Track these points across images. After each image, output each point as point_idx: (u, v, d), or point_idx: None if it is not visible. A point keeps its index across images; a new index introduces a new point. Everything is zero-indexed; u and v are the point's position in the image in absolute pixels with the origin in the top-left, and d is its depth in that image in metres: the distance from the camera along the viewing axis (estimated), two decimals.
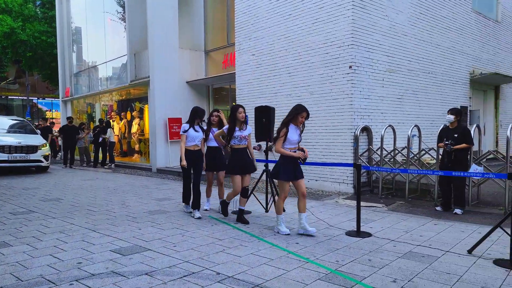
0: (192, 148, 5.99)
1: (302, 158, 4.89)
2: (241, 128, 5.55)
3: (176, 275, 3.63)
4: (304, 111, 4.85)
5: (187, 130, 5.94)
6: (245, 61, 10.56)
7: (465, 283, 3.40)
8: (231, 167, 5.58)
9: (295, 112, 4.88)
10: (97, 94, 16.92)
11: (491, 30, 12.49)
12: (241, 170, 5.56)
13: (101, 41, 15.94)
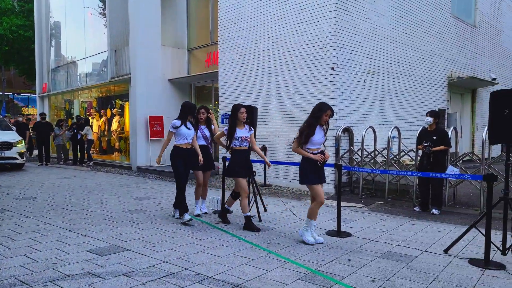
0: (184, 146, 5.58)
1: (321, 161, 4.55)
2: (242, 128, 5.28)
3: (155, 275, 3.57)
4: (329, 109, 4.57)
5: (179, 127, 5.49)
6: (228, 60, 10.51)
7: (441, 282, 3.47)
8: (234, 170, 5.24)
9: (320, 112, 4.56)
10: (75, 91, 16.52)
11: (468, 34, 12.81)
12: (245, 173, 5.31)
13: (81, 36, 15.58)
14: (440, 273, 3.69)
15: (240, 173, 5.24)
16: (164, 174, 11.14)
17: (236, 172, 5.24)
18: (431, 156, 6.38)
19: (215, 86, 12.11)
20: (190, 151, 5.65)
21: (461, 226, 5.39)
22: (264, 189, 8.81)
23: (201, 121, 6.13)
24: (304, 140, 4.52)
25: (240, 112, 5.21)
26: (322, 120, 4.57)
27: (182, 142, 5.57)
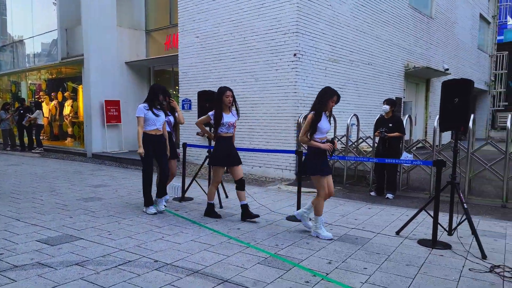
0: (154, 132, 5.18)
1: (331, 151, 4.23)
2: (229, 114, 4.92)
3: (110, 264, 3.46)
4: (335, 95, 4.22)
5: (146, 112, 5.12)
6: (189, 43, 10.25)
7: (392, 262, 3.62)
8: (216, 158, 4.90)
9: (327, 97, 4.21)
10: (23, 72, 15.52)
11: (425, 25, 13.28)
12: (231, 161, 4.95)
13: (28, 13, 14.57)
14: (391, 254, 3.85)
15: (224, 162, 4.91)
16: (121, 161, 10.80)
17: (220, 162, 4.89)
18: (386, 143, 6.60)
19: (175, 70, 11.80)
20: (160, 137, 5.26)
21: (413, 209, 5.64)
22: (226, 175, 8.78)
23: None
24: (312, 128, 4.18)
25: (226, 96, 4.81)
26: (328, 106, 4.23)
27: (150, 128, 5.17)
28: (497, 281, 3.22)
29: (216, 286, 3.05)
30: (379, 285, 3.13)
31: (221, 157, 4.90)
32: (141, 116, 5.11)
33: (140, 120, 5.12)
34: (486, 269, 3.46)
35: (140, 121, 5.11)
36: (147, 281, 3.13)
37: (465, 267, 3.51)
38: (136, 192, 6.72)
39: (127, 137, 12.52)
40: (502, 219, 5.31)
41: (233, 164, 4.97)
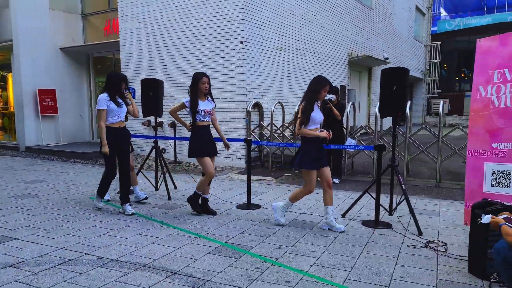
0: (118, 125, 4.70)
1: (328, 138, 4.14)
2: (205, 101, 4.62)
3: (49, 264, 3.24)
4: (328, 84, 4.12)
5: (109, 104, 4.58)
6: (130, 29, 9.79)
7: (338, 243, 3.76)
8: (197, 149, 4.58)
9: (318, 86, 4.08)
10: None
11: (366, 16, 13.78)
12: (210, 151, 4.66)
13: None
14: (338, 235, 3.99)
15: (206, 152, 4.61)
16: (59, 154, 10.16)
17: (202, 152, 4.58)
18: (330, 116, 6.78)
19: (116, 57, 11.23)
20: (124, 131, 4.86)
21: (358, 192, 5.88)
22: (174, 166, 8.59)
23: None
24: (306, 119, 4.04)
25: (202, 82, 4.51)
26: (320, 95, 4.12)
27: (114, 121, 4.64)
28: (432, 255, 3.46)
29: (165, 279, 2.97)
30: (326, 266, 3.23)
31: (202, 146, 4.60)
32: (104, 108, 4.54)
33: (102, 113, 4.54)
34: (422, 245, 3.71)
35: (103, 114, 4.54)
36: (90, 279, 2.97)
37: (404, 244, 3.73)
38: (77, 187, 6.37)
39: (65, 129, 11.79)
40: (436, 197, 5.72)
41: (213, 154, 4.70)
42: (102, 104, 4.55)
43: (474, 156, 3.85)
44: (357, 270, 3.15)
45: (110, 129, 4.63)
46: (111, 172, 4.79)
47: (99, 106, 4.56)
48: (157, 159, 6.05)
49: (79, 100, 12.24)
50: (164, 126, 9.37)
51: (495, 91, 3.70)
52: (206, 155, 4.60)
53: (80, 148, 10.44)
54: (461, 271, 3.13)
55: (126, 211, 4.75)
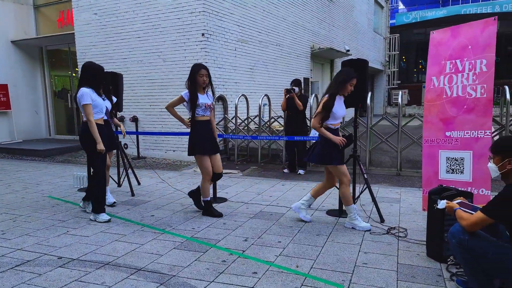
0: (101, 121, 4.34)
1: (342, 145, 3.87)
2: (204, 94, 4.33)
3: (6, 266, 3.09)
4: (355, 77, 3.84)
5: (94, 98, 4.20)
6: (86, 21, 9.39)
7: (304, 233, 3.83)
8: (196, 146, 4.26)
9: (345, 79, 3.81)
10: None
11: (327, 8, 13.98)
12: (211, 149, 4.35)
13: None
14: (303, 226, 4.07)
15: (207, 149, 4.30)
16: (14, 152, 9.66)
17: (203, 149, 4.27)
18: (293, 121, 6.90)
19: (72, 50, 10.77)
20: (109, 127, 4.66)
21: None
22: (138, 162, 8.39)
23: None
24: (325, 114, 3.81)
25: (200, 75, 4.19)
26: (346, 89, 3.85)
27: (99, 117, 4.26)
28: (393, 241, 3.60)
29: (130, 276, 2.91)
30: (292, 256, 3.28)
31: (202, 143, 4.27)
32: (90, 103, 4.11)
33: (89, 108, 4.09)
34: (384, 231, 3.84)
35: (90, 109, 4.10)
36: (50, 280, 2.86)
37: (367, 232, 3.86)
38: (34, 186, 6.09)
39: (20, 125, 11.20)
40: (397, 185, 5.94)
41: (216, 151, 4.39)
42: (87, 98, 4.09)
43: (429, 145, 4.02)
44: (322, 259, 3.22)
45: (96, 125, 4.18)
46: (104, 177, 4.30)
47: (84, 101, 4.07)
48: (118, 155, 5.89)
49: (33, 95, 11.65)
50: (125, 120, 9.11)
51: (448, 81, 3.87)
52: (207, 153, 4.31)
53: (36, 146, 9.96)
54: (420, 255, 3.28)
55: (101, 219, 4.24)
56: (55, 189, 5.84)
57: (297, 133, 6.80)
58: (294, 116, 6.92)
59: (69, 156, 9.26)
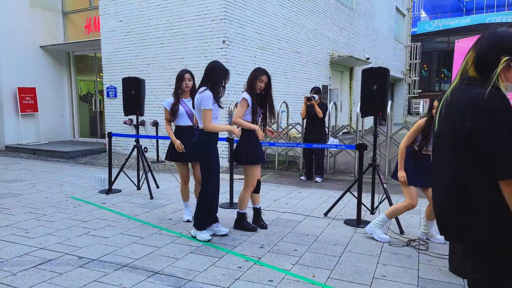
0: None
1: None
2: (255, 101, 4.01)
3: (29, 264, 3.19)
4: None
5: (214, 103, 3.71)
6: (112, 28, 9.65)
7: (321, 242, 3.81)
8: (255, 155, 3.96)
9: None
10: None
11: (347, 16, 13.95)
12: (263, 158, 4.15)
13: None
14: (320, 234, 4.04)
15: (263, 159, 4.09)
16: (40, 153, 9.95)
17: (261, 159, 4.04)
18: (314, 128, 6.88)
19: (97, 55, 11.07)
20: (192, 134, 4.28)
21: (340, 191, 5.97)
22: (157, 165, 8.52)
23: (185, 91, 4.38)
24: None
25: (260, 80, 3.95)
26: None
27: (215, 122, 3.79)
28: (414, 254, 3.54)
29: (147, 279, 2.96)
30: (309, 265, 3.27)
31: (260, 152, 4.02)
32: (211, 108, 3.65)
33: (210, 114, 3.63)
34: (404, 243, 3.78)
35: (210, 116, 3.64)
36: (70, 279, 2.93)
37: (386, 243, 3.80)
38: (57, 186, 6.25)
39: (46, 127, 11.54)
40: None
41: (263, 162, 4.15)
42: (209, 103, 3.61)
43: None
44: (339, 269, 3.19)
45: (212, 134, 3.75)
46: (217, 186, 3.86)
47: (207, 106, 3.59)
48: (139, 158, 6.00)
49: (59, 98, 12.00)
50: (146, 125, 9.28)
51: None
52: (261, 162, 4.08)
53: (60, 147, 10.24)
54: (442, 269, 3.20)
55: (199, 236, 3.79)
56: (77, 190, 5.99)
57: (315, 140, 6.78)
58: (313, 123, 6.90)
59: (91, 158, 9.48)
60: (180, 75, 4.34)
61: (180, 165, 4.39)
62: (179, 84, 4.33)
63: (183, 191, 4.47)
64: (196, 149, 3.81)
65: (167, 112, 4.34)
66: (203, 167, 3.77)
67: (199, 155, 3.78)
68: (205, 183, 3.77)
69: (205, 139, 3.73)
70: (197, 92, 3.76)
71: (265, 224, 4.28)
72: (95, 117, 11.91)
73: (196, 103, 3.72)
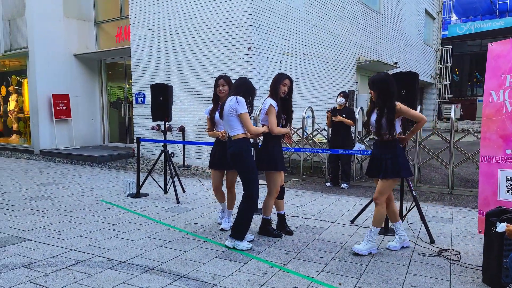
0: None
1: None
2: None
3: (60, 265, 3.29)
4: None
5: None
6: (141, 36, 9.92)
7: (347, 250, 3.74)
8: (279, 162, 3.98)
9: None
10: None
11: (374, 21, 13.76)
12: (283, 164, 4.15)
13: None
14: (346, 242, 3.97)
15: (283, 165, 4.10)
16: (72, 157, 10.31)
17: (282, 165, 4.03)
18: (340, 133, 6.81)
19: (127, 63, 11.40)
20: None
21: (366, 198, 5.86)
22: (183, 170, 8.65)
23: (222, 97, 4.23)
24: None
25: (283, 84, 3.97)
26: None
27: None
28: (445, 264, 3.41)
29: (173, 282, 3.00)
30: (335, 273, 3.22)
31: (281, 159, 4.01)
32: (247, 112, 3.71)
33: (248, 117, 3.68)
34: (435, 253, 3.66)
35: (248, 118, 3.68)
36: (100, 280, 3.01)
37: (415, 252, 3.69)
38: (88, 190, 6.45)
39: (78, 133, 11.96)
40: (448, 205, 5.64)
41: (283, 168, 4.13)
42: (246, 107, 3.66)
43: (487, 163, 3.79)
44: (367, 278, 3.13)
45: (249, 140, 3.79)
46: (256, 202, 3.81)
47: (244, 109, 3.63)
48: (166, 163, 6.11)
49: (91, 105, 12.42)
50: (173, 130, 9.45)
51: (508, 95, 3.65)
52: (283, 169, 4.09)
53: (91, 152, 10.57)
54: (475, 281, 3.08)
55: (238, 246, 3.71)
56: (107, 194, 6.16)
57: (341, 146, 6.69)
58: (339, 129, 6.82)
59: (120, 163, 9.73)
60: (215, 80, 4.34)
61: (215, 172, 4.38)
62: (215, 90, 4.31)
63: (216, 195, 4.49)
64: (235, 160, 3.70)
65: (208, 120, 4.35)
66: (245, 177, 3.69)
67: (240, 166, 3.68)
68: (249, 195, 3.70)
69: (243, 148, 3.68)
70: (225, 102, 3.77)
71: (290, 230, 4.25)
72: (124, 123, 12.24)
73: (229, 109, 3.67)
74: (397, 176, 3.58)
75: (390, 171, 3.53)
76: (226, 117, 3.74)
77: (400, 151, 3.63)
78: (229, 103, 3.70)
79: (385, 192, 3.60)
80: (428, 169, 7.34)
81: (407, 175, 3.66)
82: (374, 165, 3.67)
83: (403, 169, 3.59)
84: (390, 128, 3.52)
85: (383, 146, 3.62)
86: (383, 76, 3.59)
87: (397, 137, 3.64)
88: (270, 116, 3.86)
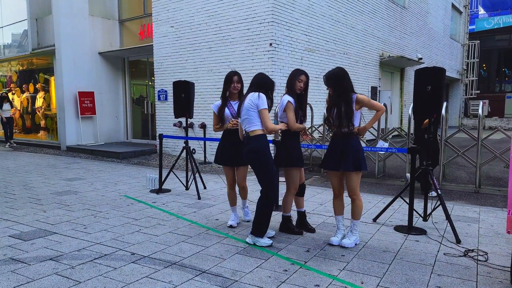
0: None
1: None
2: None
3: (86, 258, 3.38)
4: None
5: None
6: (164, 33, 10.04)
7: (369, 249, 3.69)
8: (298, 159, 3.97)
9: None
10: None
11: (398, 15, 13.45)
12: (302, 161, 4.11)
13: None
14: (369, 240, 3.92)
15: (302, 162, 4.05)
16: (97, 154, 10.56)
17: (300, 162, 4.00)
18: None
19: (150, 60, 11.55)
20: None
21: (389, 196, 5.75)
22: (204, 166, 8.72)
23: (234, 93, 4.29)
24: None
25: (299, 80, 3.93)
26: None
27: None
28: (472, 265, 3.32)
29: (194, 277, 3.03)
30: (357, 271, 3.18)
31: (299, 155, 3.99)
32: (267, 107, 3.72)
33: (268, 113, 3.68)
34: (461, 253, 3.56)
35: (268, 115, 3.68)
36: (124, 274, 3.07)
37: (440, 252, 3.60)
38: (112, 185, 6.59)
39: (102, 129, 12.23)
40: (475, 204, 5.47)
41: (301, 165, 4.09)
42: (266, 103, 3.67)
43: None
44: (390, 277, 3.07)
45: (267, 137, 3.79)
46: (275, 199, 3.88)
47: (264, 106, 3.64)
48: (187, 159, 6.17)
49: (115, 102, 12.68)
50: (194, 127, 9.54)
51: None
52: (301, 166, 4.06)
53: (115, 148, 10.80)
54: (503, 282, 2.98)
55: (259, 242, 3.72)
56: (130, 189, 6.28)
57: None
58: None
59: (143, 159, 9.89)
60: (228, 76, 4.25)
61: (228, 169, 4.36)
62: (227, 87, 4.24)
63: (229, 195, 4.45)
64: (252, 156, 3.68)
65: (215, 116, 4.35)
66: (262, 174, 3.67)
67: (259, 162, 3.67)
68: (267, 190, 3.68)
69: (262, 144, 3.66)
70: (246, 97, 3.77)
71: (312, 228, 4.22)
72: (147, 120, 12.43)
73: (250, 104, 3.67)
74: (365, 168, 3.65)
75: (358, 163, 3.60)
76: (246, 111, 3.73)
77: (359, 144, 3.72)
78: (250, 98, 3.71)
79: (358, 185, 3.72)
80: (454, 167, 7.14)
81: (366, 168, 3.71)
82: (333, 158, 3.70)
83: (364, 161, 3.66)
84: (349, 122, 3.59)
85: (344, 139, 3.67)
86: (337, 71, 3.71)
87: (357, 129, 3.70)
88: (288, 113, 3.85)
